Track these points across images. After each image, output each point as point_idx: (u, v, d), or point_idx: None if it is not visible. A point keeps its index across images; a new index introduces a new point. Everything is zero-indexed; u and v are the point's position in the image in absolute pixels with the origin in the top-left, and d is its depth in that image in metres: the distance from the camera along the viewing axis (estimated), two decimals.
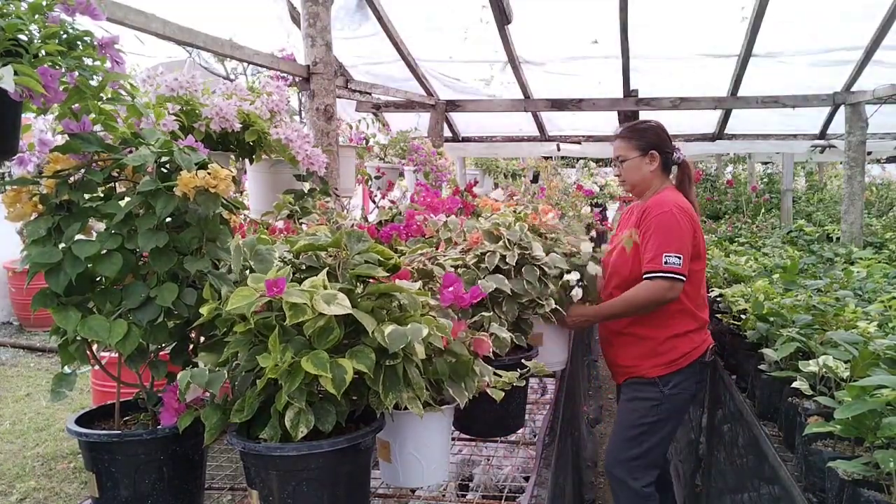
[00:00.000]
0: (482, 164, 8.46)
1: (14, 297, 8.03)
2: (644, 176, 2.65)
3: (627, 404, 2.66)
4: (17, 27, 1.15)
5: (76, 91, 1.28)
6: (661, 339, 2.55)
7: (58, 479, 4.22)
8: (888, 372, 1.75)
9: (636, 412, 2.61)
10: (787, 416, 2.12)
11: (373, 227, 2.26)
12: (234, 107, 2.15)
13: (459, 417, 1.72)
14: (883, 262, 3.89)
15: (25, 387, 5.93)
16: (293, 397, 1.19)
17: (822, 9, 4.33)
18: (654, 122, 2.73)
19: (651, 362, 2.58)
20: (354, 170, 3.54)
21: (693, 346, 2.58)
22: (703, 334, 2.63)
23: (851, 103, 4.97)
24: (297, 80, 3.07)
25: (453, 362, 1.47)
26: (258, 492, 1.25)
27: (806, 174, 11.48)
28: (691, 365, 2.58)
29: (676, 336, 2.56)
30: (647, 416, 2.57)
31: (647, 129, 2.68)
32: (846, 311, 2.40)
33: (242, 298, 1.20)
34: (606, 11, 4.35)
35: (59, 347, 1.35)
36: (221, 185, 1.32)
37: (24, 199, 1.31)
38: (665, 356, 2.56)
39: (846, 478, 1.55)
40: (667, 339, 2.56)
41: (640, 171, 2.65)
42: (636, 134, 2.67)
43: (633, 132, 2.69)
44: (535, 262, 2.08)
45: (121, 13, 2.05)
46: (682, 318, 2.57)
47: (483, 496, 2.01)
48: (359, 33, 4.73)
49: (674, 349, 2.56)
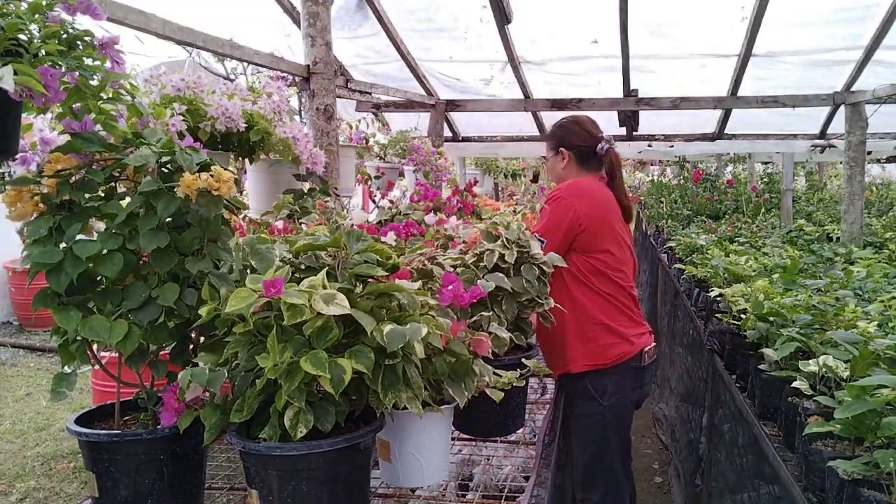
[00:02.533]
0: (482, 164, 8.47)
1: (14, 297, 8.04)
2: (558, 172, 2.65)
3: (575, 422, 2.55)
4: (17, 27, 1.15)
5: (76, 91, 1.28)
6: (582, 326, 2.43)
7: (58, 479, 4.23)
8: (888, 372, 1.75)
9: (586, 429, 2.50)
10: (787, 415, 2.12)
11: (373, 227, 2.26)
12: (239, 107, 2.16)
13: (459, 417, 1.72)
14: (883, 261, 3.89)
15: (25, 387, 5.93)
16: (292, 397, 1.19)
17: (823, 9, 4.33)
18: (567, 120, 2.70)
19: (574, 352, 2.43)
20: (354, 170, 3.54)
21: (616, 341, 2.43)
22: (630, 330, 2.47)
23: (851, 103, 4.97)
24: (297, 79, 3.07)
25: (453, 362, 1.47)
26: (258, 491, 1.25)
27: (806, 174, 11.49)
28: (620, 367, 2.43)
29: (596, 325, 2.43)
30: (595, 432, 2.47)
31: (559, 128, 2.68)
32: (846, 310, 2.40)
33: (241, 300, 1.20)
34: (606, 11, 4.35)
35: (59, 347, 1.35)
36: (224, 187, 1.32)
37: (25, 198, 1.31)
38: (586, 346, 2.42)
39: (846, 477, 1.55)
40: (589, 326, 2.42)
41: (555, 171, 2.69)
42: (549, 134, 2.72)
43: (549, 133, 2.73)
44: (535, 260, 2.08)
45: (121, 13, 2.05)
46: (600, 307, 2.43)
47: (483, 496, 2.01)
48: (359, 33, 4.73)
49: (595, 339, 2.42)
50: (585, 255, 2.43)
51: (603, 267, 2.44)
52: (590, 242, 2.42)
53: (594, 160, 2.59)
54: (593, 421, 2.47)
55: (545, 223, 2.43)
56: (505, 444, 2.27)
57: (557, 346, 2.48)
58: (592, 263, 2.43)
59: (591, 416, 2.47)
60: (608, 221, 2.48)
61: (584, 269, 2.43)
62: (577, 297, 2.43)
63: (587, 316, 2.43)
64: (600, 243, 2.44)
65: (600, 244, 2.44)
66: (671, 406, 4.56)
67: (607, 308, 2.45)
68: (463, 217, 3.09)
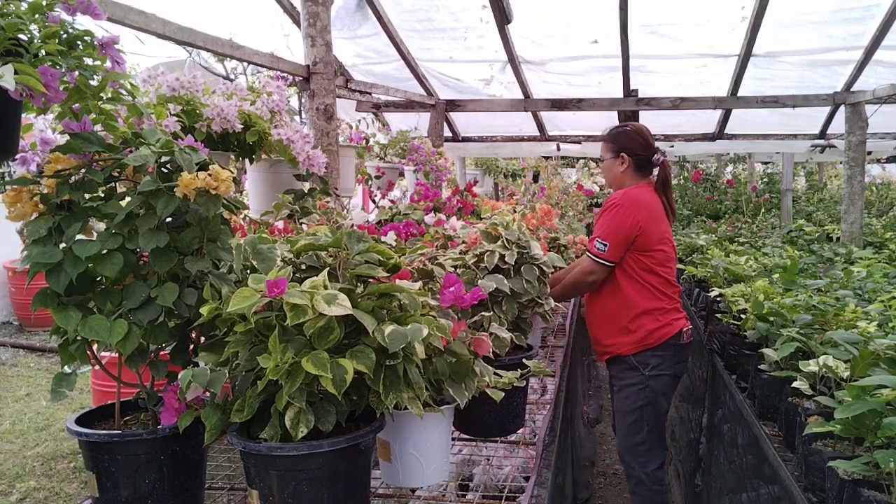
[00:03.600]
0: (482, 164, 8.46)
1: (14, 297, 8.03)
2: (615, 175, 2.92)
3: (618, 394, 2.87)
4: (17, 27, 1.15)
5: (76, 91, 1.28)
6: (628, 316, 2.76)
7: (58, 479, 4.23)
8: (888, 372, 1.75)
9: (627, 399, 2.81)
10: (787, 415, 2.12)
11: (373, 227, 2.26)
12: (235, 107, 2.15)
13: (459, 417, 1.72)
14: (883, 261, 3.89)
15: (25, 387, 5.93)
16: (293, 397, 1.19)
17: (823, 9, 4.33)
18: (631, 127, 2.96)
19: (622, 339, 2.78)
20: (354, 170, 3.54)
21: (659, 325, 2.76)
22: (671, 315, 2.80)
23: (851, 103, 4.97)
24: (297, 79, 3.07)
25: (453, 362, 1.47)
26: (258, 491, 1.25)
27: (806, 174, 11.50)
28: (663, 345, 2.76)
29: (642, 314, 2.75)
30: (637, 401, 2.78)
31: (621, 134, 2.92)
32: (846, 310, 2.40)
33: (243, 299, 1.20)
34: (606, 11, 4.35)
35: (59, 347, 1.35)
36: (222, 186, 1.32)
37: (25, 198, 1.31)
38: (634, 334, 2.76)
39: (846, 477, 1.55)
40: (634, 317, 2.75)
41: (611, 171, 2.94)
42: (611, 137, 2.94)
43: (610, 135, 2.95)
44: (534, 261, 2.08)
45: (121, 13, 2.05)
46: (645, 297, 2.76)
47: (483, 496, 2.01)
48: (359, 33, 4.73)
49: (641, 327, 2.75)
50: (639, 254, 2.75)
51: (653, 263, 2.76)
52: (644, 244, 2.74)
53: (648, 168, 2.90)
54: (635, 391, 2.78)
55: (607, 228, 2.73)
56: (505, 444, 2.27)
57: (608, 334, 2.84)
58: (644, 261, 2.75)
59: (634, 386, 2.78)
60: (659, 225, 2.80)
61: (636, 266, 2.75)
62: (627, 290, 2.76)
63: (635, 307, 2.76)
64: (653, 244, 2.76)
65: (653, 244, 2.76)
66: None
67: (653, 298, 2.77)
68: (463, 217, 3.09)
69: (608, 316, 2.82)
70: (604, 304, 2.83)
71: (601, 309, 2.85)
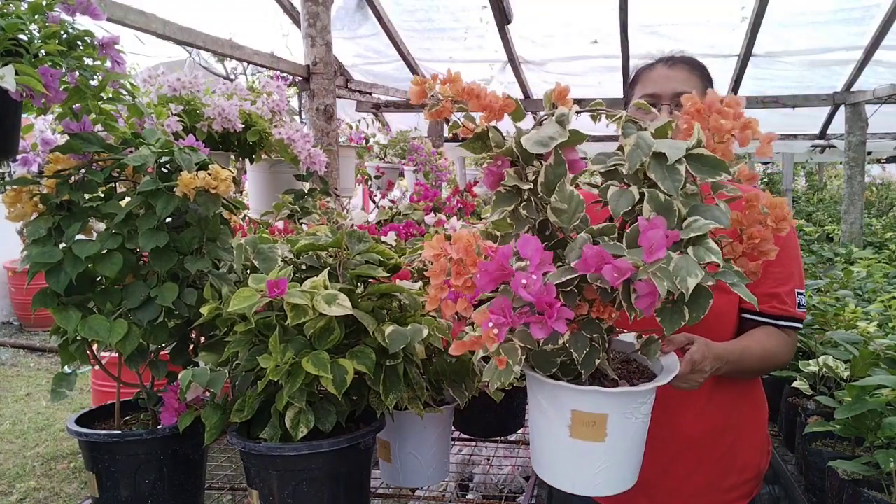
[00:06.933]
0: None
1: (14, 297, 8.03)
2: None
3: None
4: (17, 27, 1.15)
5: (76, 91, 1.28)
6: (762, 436, 1.52)
7: (58, 479, 4.22)
8: (888, 372, 1.75)
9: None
10: (787, 416, 2.12)
11: (373, 227, 2.26)
12: (236, 107, 2.15)
13: (460, 417, 1.72)
14: (883, 262, 3.89)
15: (25, 387, 5.93)
16: (294, 398, 1.19)
17: (823, 9, 4.33)
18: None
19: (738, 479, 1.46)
20: (354, 170, 3.54)
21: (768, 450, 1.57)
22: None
23: (851, 103, 4.97)
24: (297, 80, 3.07)
25: (453, 362, 1.47)
26: (258, 492, 1.25)
27: (806, 174, 11.49)
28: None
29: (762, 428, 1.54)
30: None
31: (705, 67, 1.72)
32: (846, 310, 2.40)
33: (244, 299, 1.20)
34: (606, 11, 4.35)
35: (59, 347, 1.35)
36: (222, 185, 1.32)
37: (25, 198, 1.31)
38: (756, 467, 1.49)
39: (846, 477, 1.55)
40: (763, 438, 1.52)
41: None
42: (699, 68, 1.71)
43: (697, 64, 1.72)
44: None
45: (121, 13, 2.05)
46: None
47: (483, 496, 2.01)
48: (359, 33, 4.74)
49: (766, 454, 1.54)
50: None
51: None
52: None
53: None
54: None
55: (799, 264, 1.49)
56: (505, 444, 2.27)
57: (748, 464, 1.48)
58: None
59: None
60: None
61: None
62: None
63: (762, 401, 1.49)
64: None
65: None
66: None
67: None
68: (463, 217, 3.09)
69: (736, 434, 1.46)
70: (737, 411, 1.46)
71: (733, 419, 1.46)
